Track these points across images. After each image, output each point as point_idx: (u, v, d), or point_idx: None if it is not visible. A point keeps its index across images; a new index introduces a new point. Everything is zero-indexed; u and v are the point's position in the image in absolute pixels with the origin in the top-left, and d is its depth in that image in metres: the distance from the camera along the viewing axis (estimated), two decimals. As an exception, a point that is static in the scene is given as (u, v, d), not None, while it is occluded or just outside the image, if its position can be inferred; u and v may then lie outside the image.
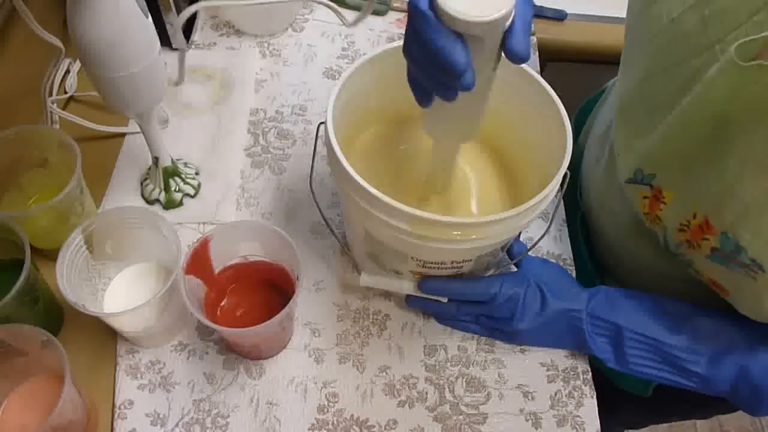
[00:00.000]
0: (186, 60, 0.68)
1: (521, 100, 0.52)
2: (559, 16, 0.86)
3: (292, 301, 0.47)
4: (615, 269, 0.66)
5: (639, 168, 0.50)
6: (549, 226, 0.53)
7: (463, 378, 0.56)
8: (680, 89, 0.44)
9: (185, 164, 0.65)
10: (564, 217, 0.66)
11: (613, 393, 0.64)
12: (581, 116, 0.78)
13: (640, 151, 0.49)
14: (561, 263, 0.63)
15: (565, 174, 0.46)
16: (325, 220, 0.56)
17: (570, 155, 0.46)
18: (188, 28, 0.78)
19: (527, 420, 0.54)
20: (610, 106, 0.65)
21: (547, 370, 0.57)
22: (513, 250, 0.56)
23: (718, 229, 0.43)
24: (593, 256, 0.68)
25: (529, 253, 0.55)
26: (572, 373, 0.57)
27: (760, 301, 0.44)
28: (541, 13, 0.86)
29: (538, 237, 0.54)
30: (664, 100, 0.46)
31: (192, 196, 0.64)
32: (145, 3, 0.47)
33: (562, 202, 0.64)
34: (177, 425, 0.52)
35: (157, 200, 0.64)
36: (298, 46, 0.79)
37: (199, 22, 0.81)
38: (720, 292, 0.48)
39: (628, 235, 0.59)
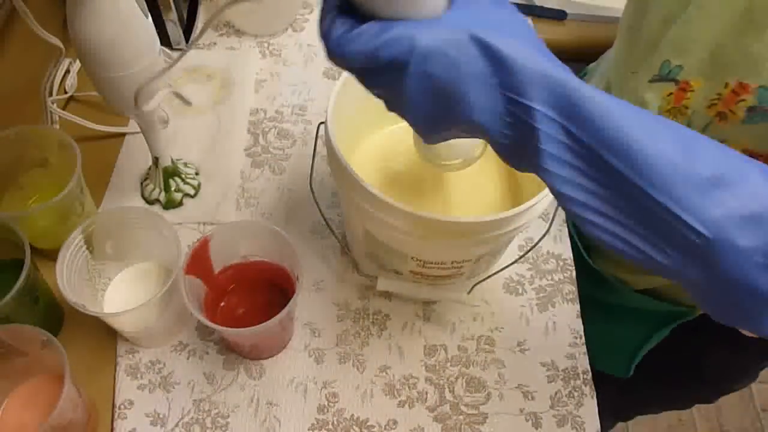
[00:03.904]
0: (186, 60, 0.68)
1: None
2: (559, 16, 0.86)
3: (292, 301, 0.47)
4: (616, 268, 0.66)
5: (666, 60, 0.50)
6: (549, 226, 0.53)
7: (463, 378, 0.56)
8: None
9: (185, 164, 0.65)
10: (564, 217, 0.66)
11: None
12: None
13: (668, 43, 0.50)
14: (561, 263, 0.63)
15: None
16: (325, 220, 0.56)
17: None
18: (188, 28, 0.78)
19: (527, 420, 0.54)
20: (599, 77, 0.66)
21: (547, 370, 0.57)
22: None
23: (753, 86, 0.45)
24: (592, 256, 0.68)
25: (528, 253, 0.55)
26: (572, 373, 0.57)
27: None
28: (541, 13, 0.86)
29: (539, 237, 0.54)
30: None
31: (192, 196, 0.64)
32: (145, 3, 0.47)
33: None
34: (177, 425, 0.52)
35: (157, 200, 0.64)
36: (298, 46, 0.79)
37: (199, 22, 0.81)
38: (759, 159, 0.48)
39: None
